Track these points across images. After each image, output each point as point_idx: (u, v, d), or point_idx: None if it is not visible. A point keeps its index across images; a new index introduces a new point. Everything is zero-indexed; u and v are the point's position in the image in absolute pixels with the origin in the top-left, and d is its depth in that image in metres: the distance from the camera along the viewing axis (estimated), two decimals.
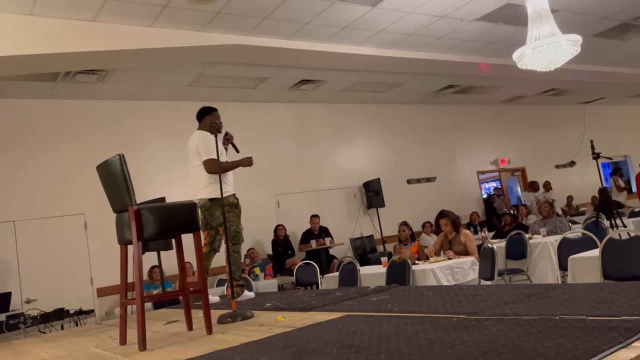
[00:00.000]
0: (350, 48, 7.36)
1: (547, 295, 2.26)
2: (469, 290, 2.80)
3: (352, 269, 5.60)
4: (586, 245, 4.49)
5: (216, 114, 4.49)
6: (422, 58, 8.08)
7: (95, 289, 7.20)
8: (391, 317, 2.32)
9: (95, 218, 7.17)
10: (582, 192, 12.63)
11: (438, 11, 6.65)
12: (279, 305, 3.43)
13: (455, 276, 5.17)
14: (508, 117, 12.52)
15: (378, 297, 3.06)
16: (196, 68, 7.15)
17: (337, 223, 9.32)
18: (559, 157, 13.13)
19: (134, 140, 7.80)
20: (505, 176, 13.18)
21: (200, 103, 8.32)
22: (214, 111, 4.52)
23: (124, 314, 2.78)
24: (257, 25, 6.24)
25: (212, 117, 4.42)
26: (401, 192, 10.34)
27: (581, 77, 10.50)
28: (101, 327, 4.36)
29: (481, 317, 2.01)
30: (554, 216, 7.40)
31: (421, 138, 11.01)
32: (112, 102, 7.82)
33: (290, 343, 2.09)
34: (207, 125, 4.37)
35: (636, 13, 7.78)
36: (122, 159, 2.62)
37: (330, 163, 9.79)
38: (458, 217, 6.04)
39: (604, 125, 13.87)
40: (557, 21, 5.84)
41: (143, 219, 2.58)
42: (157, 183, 7.62)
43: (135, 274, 2.55)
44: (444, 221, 5.92)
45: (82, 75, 6.69)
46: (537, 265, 6.16)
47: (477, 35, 7.71)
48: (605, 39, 8.70)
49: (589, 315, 1.74)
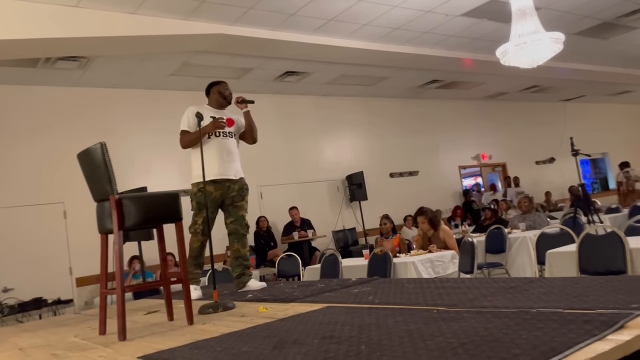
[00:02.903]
0: (335, 40, 7.35)
1: (525, 289, 2.30)
2: (449, 283, 2.83)
3: (334, 261, 5.63)
4: (564, 240, 4.58)
5: (221, 86, 4.10)
6: (407, 52, 8.10)
7: (74, 279, 7.13)
8: (372, 309, 2.34)
9: (75, 207, 7.08)
10: (561, 188, 12.83)
11: (423, 6, 6.67)
12: (260, 297, 3.44)
13: (436, 269, 5.23)
14: (490, 113, 12.64)
15: (359, 289, 3.09)
16: (180, 57, 7.07)
17: (320, 215, 9.34)
18: (539, 154, 13.31)
19: (116, 128, 7.70)
20: (486, 171, 13.34)
21: (183, 93, 8.35)
22: (221, 83, 4.14)
23: (104, 303, 2.76)
24: (243, 15, 6.19)
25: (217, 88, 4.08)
26: (384, 186, 10.40)
27: (563, 74, 10.64)
28: (80, 316, 4.32)
29: (460, 310, 2.04)
30: (533, 211, 7.51)
31: (405, 132, 11.07)
32: (93, 89, 7.70)
33: (271, 334, 2.10)
34: (212, 99, 4.09)
35: (618, 12, 7.90)
36: (104, 147, 2.59)
37: (314, 155, 9.79)
38: (436, 215, 6.02)
39: (583, 122, 14.09)
40: (541, 18, 5.89)
41: (124, 208, 2.56)
42: (139, 173, 7.54)
43: (115, 263, 2.53)
44: (421, 219, 5.92)
45: (63, 62, 6.57)
46: (515, 259, 6.26)
47: (462, 31, 7.76)
48: (587, 37, 8.82)
49: (565, 309, 1.78)
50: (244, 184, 4.01)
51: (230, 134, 4.00)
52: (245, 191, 4.01)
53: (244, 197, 3.99)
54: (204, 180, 3.50)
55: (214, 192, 3.82)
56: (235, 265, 3.98)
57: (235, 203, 3.93)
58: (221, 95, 4.05)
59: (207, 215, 3.65)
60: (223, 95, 4.06)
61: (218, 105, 4.06)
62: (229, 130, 3.99)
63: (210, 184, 3.76)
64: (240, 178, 3.98)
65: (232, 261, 4.01)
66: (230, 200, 3.92)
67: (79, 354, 2.36)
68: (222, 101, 4.06)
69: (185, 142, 3.89)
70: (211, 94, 4.10)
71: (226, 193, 3.90)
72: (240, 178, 3.98)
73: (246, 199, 4.01)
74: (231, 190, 3.91)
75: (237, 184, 3.94)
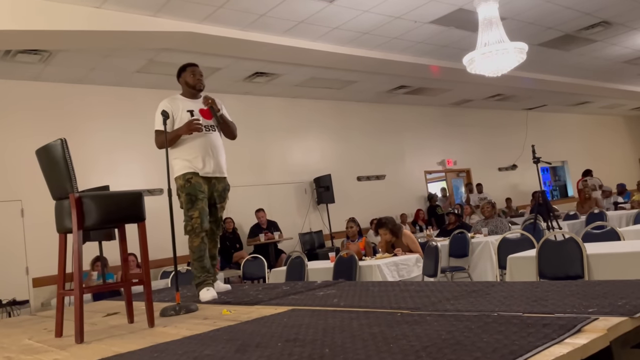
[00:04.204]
0: (305, 43, 7.35)
1: (487, 293, 2.35)
2: (412, 287, 2.86)
3: (300, 263, 5.62)
4: (524, 245, 4.68)
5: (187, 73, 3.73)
6: (375, 57, 8.17)
7: (30, 279, 6.89)
8: (337, 312, 2.34)
9: (34, 205, 6.84)
10: (522, 194, 13.17)
11: (393, 12, 6.74)
12: (224, 299, 3.39)
13: (400, 272, 5.28)
14: (456, 120, 12.88)
15: (324, 292, 3.08)
16: (146, 54, 6.94)
17: (287, 217, 9.31)
18: (502, 160, 13.62)
19: (78, 125, 7.49)
20: (451, 177, 13.56)
21: (149, 90, 8.20)
22: (188, 67, 3.76)
23: (61, 305, 2.68)
24: (212, 13, 6.13)
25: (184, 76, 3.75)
26: (351, 189, 10.45)
27: (525, 84, 10.93)
28: (36, 318, 4.18)
29: (424, 313, 2.06)
30: (495, 217, 7.68)
31: (372, 136, 11.15)
32: (55, 84, 7.47)
33: (234, 337, 2.07)
34: (183, 89, 3.77)
35: (579, 25, 8.17)
36: (64, 144, 2.51)
37: (281, 157, 9.76)
38: (395, 224, 6.00)
39: (544, 131, 14.52)
40: (506, 29, 6.04)
41: (85, 207, 2.49)
42: (101, 171, 7.36)
43: (74, 263, 2.46)
44: (383, 231, 5.93)
45: (23, 55, 6.36)
46: (478, 263, 6.38)
47: (430, 38, 7.88)
48: (549, 48, 9.08)
49: (525, 312, 1.82)
50: (226, 184, 3.80)
51: (212, 127, 3.71)
52: (226, 192, 3.81)
53: (225, 198, 3.80)
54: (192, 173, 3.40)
55: (202, 184, 3.56)
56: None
57: (217, 204, 3.73)
58: (188, 85, 3.73)
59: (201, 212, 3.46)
60: (190, 84, 3.73)
61: (191, 95, 3.75)
62: (210, 124, 3.68)
63: (199, 176, 3.55)
64: (224, 177, 3.76)
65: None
66: (214, 200, 3.70)
67: (33, 357, 2.27)
68: (192, 91, 3.74)
69: (160, 143, 3.53)
70: (181, 82, 3.78)
71: (211, 190, 3.67)
72: (224, 177, 3.76)
73: (226, 200, 3.83)
74: (216, 189, 3.69)
75: (221, 184, 3.72)
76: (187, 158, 3.55)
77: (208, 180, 3.62)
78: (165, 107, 3.57)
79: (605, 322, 1.54)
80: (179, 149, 3.56)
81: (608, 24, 8.26)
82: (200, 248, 3.54)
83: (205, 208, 3.56)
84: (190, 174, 3.52)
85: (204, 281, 3.55)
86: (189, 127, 3.50)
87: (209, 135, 3.65)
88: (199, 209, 3.50)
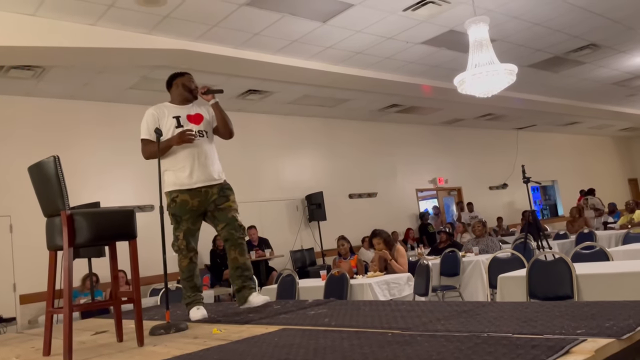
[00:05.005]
0: (299, 61, 7.43)
1: (477, 313, 2.35)
2: (404, 306, 2.86)
3: (291, 281, 5.60)
4: (515, 264, 4.71)
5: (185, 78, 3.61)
6: (368, 76, 8.26)
7: (18, 296, 6.80)
8: (328, 331, 2.34)
9: (23, 221, 6.78)
10: (513, 213, 13.24)
11: (385, 32, 6.84)
12: (214, 317, 3.37)
13: (392, 291, 5.27)
14: (447, 138, 12.98)
15: (315, 311, 3.08)
16: (140, 71, 6.97)
17: (278, 235, 9.29)
18: (492, 179, 13.72)
19: (69, 140, 7.47)
20: (442, 195, 13.63)
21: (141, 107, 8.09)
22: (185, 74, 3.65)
23: (50, 323, 2.65)
24: (206, 32, 6.18)
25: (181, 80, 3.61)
26: (343, 206, 10.46)
27: (516, 104, 11.08)
28: (23, 336, 4.12)
29: (414, 333, 2.06)
30: (486, 235, 7.71)
31: (364, 154, 11.21)
32: (47, 100, 7.47)
33: (225, 356, 2.06)
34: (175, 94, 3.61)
35: (568, 48, 8.32)
36: (57, 161, 2.51)
37: (274, 174, 9.77)
38: (390, 236, 6.10)
39: (534, 150, 14.67)
40: (496, 50, 6.13)
41: (76, 224, 2.48)
42: (92, 187, 7.33)
43: (64, 281, 2.44)
44: (376, 240, 5.99)
45: (16, 71, 6.37)
46: (469, 282, 6.38)
47: (422, 58, 7.98)
48: (538, 70, 9.23)
49: (515, 333, 1.83)
50: (224, 184, 3.52)
51: (202, 133, 3.51)
52: (227, 191, 3.50)
53: (229, 197, 3.49)
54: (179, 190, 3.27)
55: (190, 201, 3.38)
56: (235, 276, 3.50)
57: (219, 206, 3.44)
58: (186, 89, 3.57)
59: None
60: (188, 88, 3.57)
61: (182, 101, 3.58)
62: (200, 129, 3.51)
63: (185, 192, 3.37)
64: (218, 183, 3.48)
65: (231, 272, 3.53)
66: (213, 206, 3.44)
67: None
68: (188, 95, 3.57)
69: (148, 153, 3.40)
70: (174, 88, 3.62)
71: (205, 200, 3.42)
72: (218, 183, 3.48)
73: (232, 199, 3.50)
74: (211, 195, 3.43)
75: (215, 187, 3.45)
76: (174, 169, 3.41)
77: (197, 191, 3.41)
78: (152, 115, 3.47)
79: (593, 344, 1.55)
80: (167, 159, 3.42)
81: (596, 47, 8.42)
82: (189, 268, 3.45)
83: (192, 227, 3.44)
84: (176, 192, 3.39)
85: (193, 300, 3.47)
86: (181, 138, 3.34)
87: (198, 142, 3.46)
88: (184, 230, 3.41)
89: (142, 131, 3.47)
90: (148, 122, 3.46)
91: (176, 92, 3.61)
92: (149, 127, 3.44)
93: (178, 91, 3.60)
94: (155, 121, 3.45)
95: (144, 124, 3.48)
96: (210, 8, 5.62)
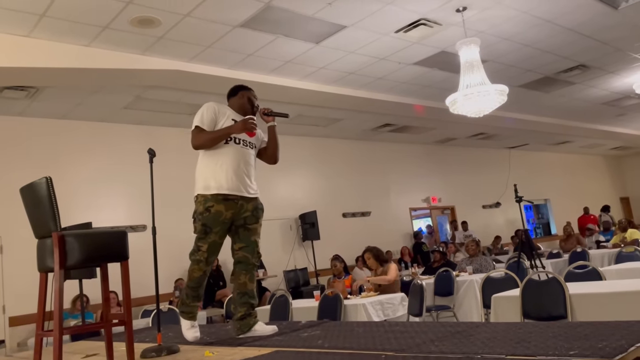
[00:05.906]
0: (292, 82, 7.48)
1: (471, 334, 2.35)
2: (397, 327, 2.85)
3: (284, 302, 5.56)
4: (508, 284, 4.71)
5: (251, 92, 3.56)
6: (361, 96, 8.33)
7: (7, 318, 6.69)
8: (321, 354, 2.32)
9: (13, 242, 6.72)
10: (506, 232, 13.26)
11: (378, 53, 6.92)
12: (207, 340, 3.34)
13: (386, 311, 5.24)
14: (440, 157, 13.05)
15: (309, 333, 3.05)
16: (134, 91, 6.99)
17: (271, 254, 9.22)
18: (485, 198, 13.76)
19: (61, 160, 7.44)
20: (436, 214, 13.65)
21: (136, 126, 8.23)
22: (251, 90, 3.58)
23: (39, 347, 2.61)
24: (200, 53, 6.23)
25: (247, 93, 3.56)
26: (337, 225, 10.44)
27: (507, 123, 11.18)
28: (12, 359, 4.05)
29: (408, 355, 2.05)
30: (479, 255, 7.71)
31: (358, 173, 11.24)
32: (40, 119, 7.46)
33: None
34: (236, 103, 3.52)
35: (558, 68, 8.44)
36: (49, 183, 2.50)
37: (267, 193, 9.60)
38: (381, 252, 6.15)
39: (527, 169, 14.76)
40: (487, 71, 6.22)
41: (67, 245, 2.46)
42: (84, 207, 7.28)
43: (55, 303, 2.41)
44: (367, 255, 6.07)
45: (9, 91, 6.37)
46: (462, 302, 6.37)
47: (414, 79, 8.07)
48: (529, 90, 9.35)
49: (508, 354, 1.82)
50: (258, 204, 3.39)
51: (251, 145, 3.43)
52: (260, 212, 3.37)
53: (259, 218, 3.36)
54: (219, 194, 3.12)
55: (224, 212, 3.17)
56: (240, 303, 3.28)
57: (248, 225, 3.29)
58: (250, 102, 3.49)
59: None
60: (252, 102, 3.50)
61: (242, 111, 3.46)
62: (251, 140, 3.42)
63: (221, 201, 3.17)
64: (255, 197, 3.38)
65: (236, 298, 3.30)
66: (242, 222, 3.28)
67: None
68: (249, 109, 3.48)
69: (202, 140, 3.25)
70: (237, 97, 3.52)
71: (238, 213, 3.24)
72: (256, 197, 3.39)
73: (260, 222, 3.38)
74: (244, 210, 3.27)
75: (251, 203, 3.31)
76: (214, 166, 3.25)
77: (233, 203, 3.22)
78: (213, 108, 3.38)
79: None
80: (210, 153, 3.29)
81: (585, 67, 8.55)
82: (200, 280, 3.24)
83: (218, 241, 3.22)
84: (211, 200, 3.16)
85: (191, 312, 3.29)
86: (245, 125, 3.23)
87: (245, 150, 3.37)
88: (209, 243, 3.17)
89: (196, 119, 3.34)
90: (207, 113, 3.34)
91: (239, 102, 3.52)
92: (205, 117, 3.32)
93: (241, 102, 3.51)
94: (215, 114, 3.34)
95: (200, 114, 3.35)
96: (204, 29, 5.67)
